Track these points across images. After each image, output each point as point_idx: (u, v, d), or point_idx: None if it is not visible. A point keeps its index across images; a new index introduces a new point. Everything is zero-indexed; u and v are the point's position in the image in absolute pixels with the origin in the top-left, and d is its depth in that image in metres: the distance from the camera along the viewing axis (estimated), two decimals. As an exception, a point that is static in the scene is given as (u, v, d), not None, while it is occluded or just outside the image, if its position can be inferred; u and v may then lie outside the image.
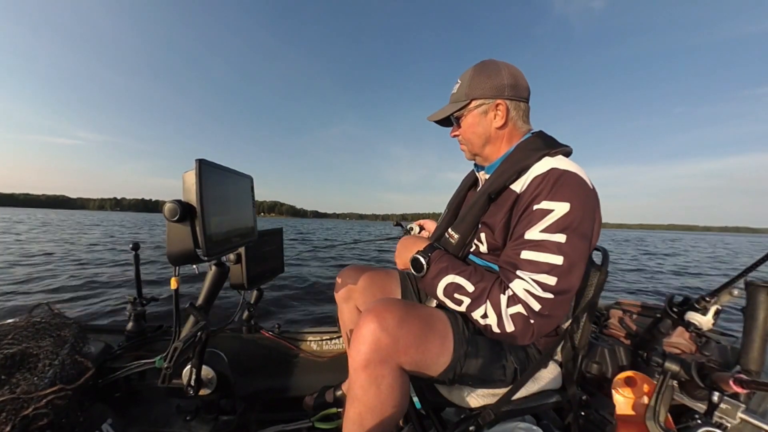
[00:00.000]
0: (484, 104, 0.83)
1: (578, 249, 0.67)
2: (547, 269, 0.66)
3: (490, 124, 0.84)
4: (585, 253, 0.70)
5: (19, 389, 0.75)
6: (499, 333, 0.69)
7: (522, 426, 0.77)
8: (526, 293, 0.66)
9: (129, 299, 1.35)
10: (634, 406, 0.93)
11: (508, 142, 0.86)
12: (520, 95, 0.83)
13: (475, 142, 0.88)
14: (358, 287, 1.10)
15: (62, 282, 4.32)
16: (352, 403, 0.71)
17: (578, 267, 0.68)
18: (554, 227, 0.67)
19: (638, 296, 5.08)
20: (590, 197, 0.71)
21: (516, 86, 0.81)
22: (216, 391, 1.06)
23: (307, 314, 3.36)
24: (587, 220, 0.69)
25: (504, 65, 0.83)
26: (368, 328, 0.67)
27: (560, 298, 0.66)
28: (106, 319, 2.97)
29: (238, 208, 0.87)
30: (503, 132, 0.85)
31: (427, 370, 0.72)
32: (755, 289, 0.87)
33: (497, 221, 0.77)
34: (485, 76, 0.82)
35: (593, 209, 0.71)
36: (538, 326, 0.67)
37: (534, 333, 0.67)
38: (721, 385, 0.70)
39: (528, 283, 0.67)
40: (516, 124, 0.84)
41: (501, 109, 0.82)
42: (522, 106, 0.84)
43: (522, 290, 0.67)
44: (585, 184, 0.71)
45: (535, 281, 0.66)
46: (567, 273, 0.66)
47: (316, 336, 1.61)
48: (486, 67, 0.83)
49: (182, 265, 0.76)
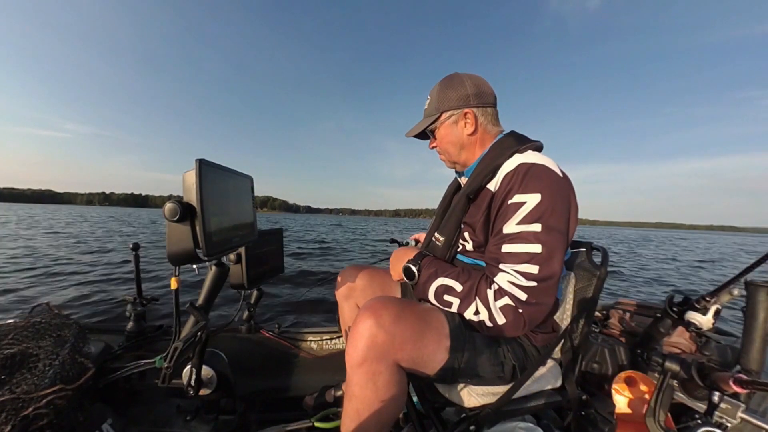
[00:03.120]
0: (453, 115, 0.88)
1: (555, 236, 0.70)
2: (527, 259, 0.69)
3: (462, 132, 0.89)
4: (562, 239, 0.72)
5: (19, 389, 0.75)
6: (492, 327, 0.71)
7: (522, 426, 0.78)
8: (511, 285, 0.69)
9: (129, 299, 1.35)
10: (634, 405, 0.93)
11: (481, 146, 0.90)
12: (486, 101, 0.88)
13: (451, 151, 0.93)
14: (358, 286, 1.11)
15: (63, 282, 4.31)
16: (349, 400, 0.72)
17: (558, 253, 0.71)
18: (529, 218, 0.70)
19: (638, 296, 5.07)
20: (560, 184, 0.74)
21: (480, 94, 0.87)
22: (216, 391, 1.06)
23: (307, 314, 3.36)
24: (560, 207, 0.72)
25: (467, 76, 0.88)
26: (365, 325, 0.68)
27: (544, 284, 0.69)
28: (106, 319, 2.97)
29: (238, 207, 0.87)
30: (475, 137, 0.89)
31: (425, 368, 0.73)
32: (755, 289, 0.87)
33: (477, 220, 0.82)
34: (450, 89, 0.88)
35: (566, 196, 0.74)
36: (528, 315, 0.69)
37: (525, 322, 0.70)
38: (721, 384, 0.70)
39: (511, 275, 0.70)
40: (486, 128, 0.89)
41: (470, 117, 0.87)
42: (489, 111, 0.89)
43: (506, 282, 0.70)
44: (553, 173, 0.74)
45: (517, 272, 0.69)
46: (547, 260, 0.69)
47: (316, 336, 1.61)
48: (451, 81, 0.89)
49: (182, 265, 0.76)
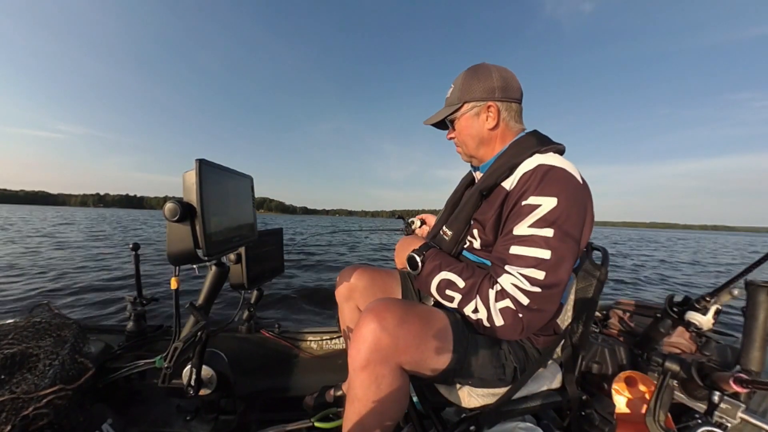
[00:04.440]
0: (476, 107, 0.84)
1: (566, 243, 0.67)
2: (534, 263, 0.66)
3: (483, 125, 0.85)
4: (574, 247, 0.69)
5: (19, 389, 0.75)
6: (489, 327, 0.69)
7: (522, 426, 0.78)
8: (514, 288, 0.67)
9: (129, 299, 1.35)
10: (634, 405, 0.93)
11: (501, 142, 0.87)
12: (511, 96, 0.84)
13: (469, 144, 0.89)
14: (358, 287, 1.10)
15: (62, 282, 4.31)
16: (352, 403, 0.71)
17: (567, 261, 0.67)
18: (542, 222, 0.67)
19: (638, 296, 5.07)
20: (579, 192, 0.70)
21: (506, 88, 0.83)
22: (216, 391, 1.06)
23: (307, 314, 3.36)
24: (576, 215, 0.69)
25: (495, 68, 0.84)
26: (368, 327, 0.67)
27: (548, 292, 0.66)
28: (106, 319, 2.97)
29: (238, 207, 0.87)
30: (495, 133, 0.86)
31: (427, 370, 0.72)
32: (755, 289, 0.87)
33: (488, 218, 0.78)
34: (476, 79, 0.84)
35: (583, 204, 0.70)
36: (528, 320, 0.66)
37: (524, 327, 0.67)
38: (722, 384, 0.70)
39: (515, 277, 0.67)
40: (508, 124, 0.86)
41: (492, 111, 0.83)
42: (514, 107, 0.85)
43: (510, 285, 0.67)
44: (573, 178, 0.70)
45: (522, 275, 0.66)
46: (555, 267, 0.66)
47: (316, 336, 1.61)
48: (477, 71, 0.85)
49: (182, 265, 0.76)
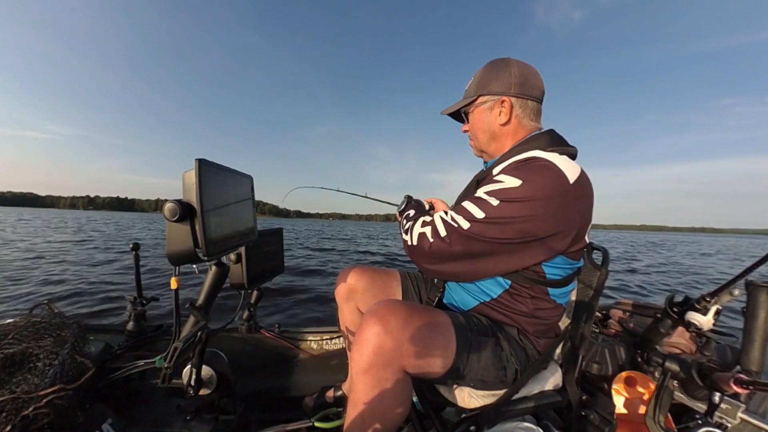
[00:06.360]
0: (490, 100, 0.84)
1: (508, 223, 0.66)
2: (465, 214, 0.70)
3: (494, 120, 0.85)
4: (508, 233, 0.66)
5: (19, 389, 0.75)
6: (405, 245, 0.82)
7: (522, 426, 0.77)
8: (439, 219, 0.74)
9: (129, 299, 1.35)
10: (634, 405, 0.93)
11: (513, 138, 0.85)
12: (529, 94, 0.82)
13: (481, 138, 0.90)
14: (359, 287, 1.10)
15: (61, 282, 4.31)
16: (354, 406, 0.70)
17: (494, 230, 0.66)
18: (495, 193, 0.69)
19: (638, 296, 5.07)
20: (560, 189, 0.66)
21: (524, 84, 0.81)
22: (216, 391, 1.06)
23: (307, 314, 3.36)
24: (539, 208, 0.65)
25: (516, 63, 0.83)
26: (372, 330, 0.66)
27: (465, 234, 0.69)
28: (106, 319, 2.97)
29: (238, 207, 0.86)
30: (507, 128, 0.85)
31: (430, 372, 0.72)
32: (755, 289, 0.87)
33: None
34: (494, 73, 0.83)
35: (562, 204, 0.66)
36: (436, 248, 0.72)
37: (427, 253, 0.74)
38: (722, 385, 0.70)
39: (446, 214, 0.74)
40: (521, 121, 0.84)
41: (506, 106, 0.82)
42: (530, 104, 0.83)
43: (438, 217, 0.75)
44: (559, 176, 0.67)
45: (451, 216, 0.73)
46: (482, 227, 0.68)
47: (316, 336, 1.61)
48: (496, 65, 0.84)
49: (182, 265, 0.76)
